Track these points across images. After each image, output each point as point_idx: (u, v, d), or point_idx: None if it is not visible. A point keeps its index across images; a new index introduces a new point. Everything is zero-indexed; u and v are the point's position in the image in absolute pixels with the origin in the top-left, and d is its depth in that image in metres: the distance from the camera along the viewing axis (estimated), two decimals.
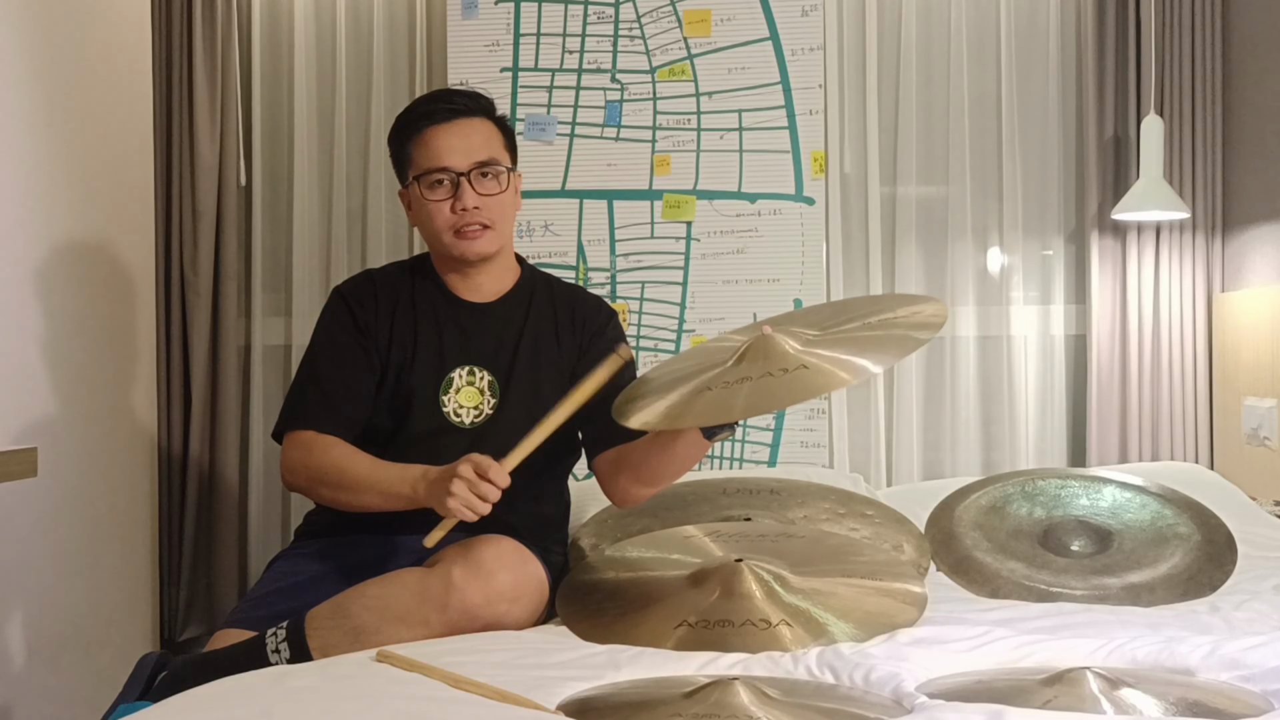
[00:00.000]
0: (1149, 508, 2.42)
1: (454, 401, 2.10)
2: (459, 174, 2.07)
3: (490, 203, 2.09)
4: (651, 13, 3.10)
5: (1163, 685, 1.51)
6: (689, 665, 1.67)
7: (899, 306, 1.90)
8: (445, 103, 2.13)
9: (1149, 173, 2.93)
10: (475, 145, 2.09)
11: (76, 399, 2.66)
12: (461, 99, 2.15)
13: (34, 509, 2.49)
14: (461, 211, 2.07)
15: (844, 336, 1.82)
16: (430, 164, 2.08)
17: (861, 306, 1.99)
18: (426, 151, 2.09)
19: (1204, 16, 3.07)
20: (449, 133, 2.09)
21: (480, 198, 2.08)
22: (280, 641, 1.79)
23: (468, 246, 2.09)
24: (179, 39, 3.10)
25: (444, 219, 2.08)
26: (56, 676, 2.57)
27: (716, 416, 1.77)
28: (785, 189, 3.08)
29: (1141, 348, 3.10)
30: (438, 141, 2.08)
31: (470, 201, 2.07)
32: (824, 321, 1.91)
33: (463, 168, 2.07)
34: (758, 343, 1.80)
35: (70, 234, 2.66)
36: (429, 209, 2.09)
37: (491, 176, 2.10)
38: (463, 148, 2.08)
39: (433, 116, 2.10)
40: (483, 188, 2.09)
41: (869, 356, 1.74)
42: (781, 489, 2.52)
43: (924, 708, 1.43)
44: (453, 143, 2.08)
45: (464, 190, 2.07)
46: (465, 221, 2.07)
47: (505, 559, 1.86)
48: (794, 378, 1.72)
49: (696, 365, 1.89)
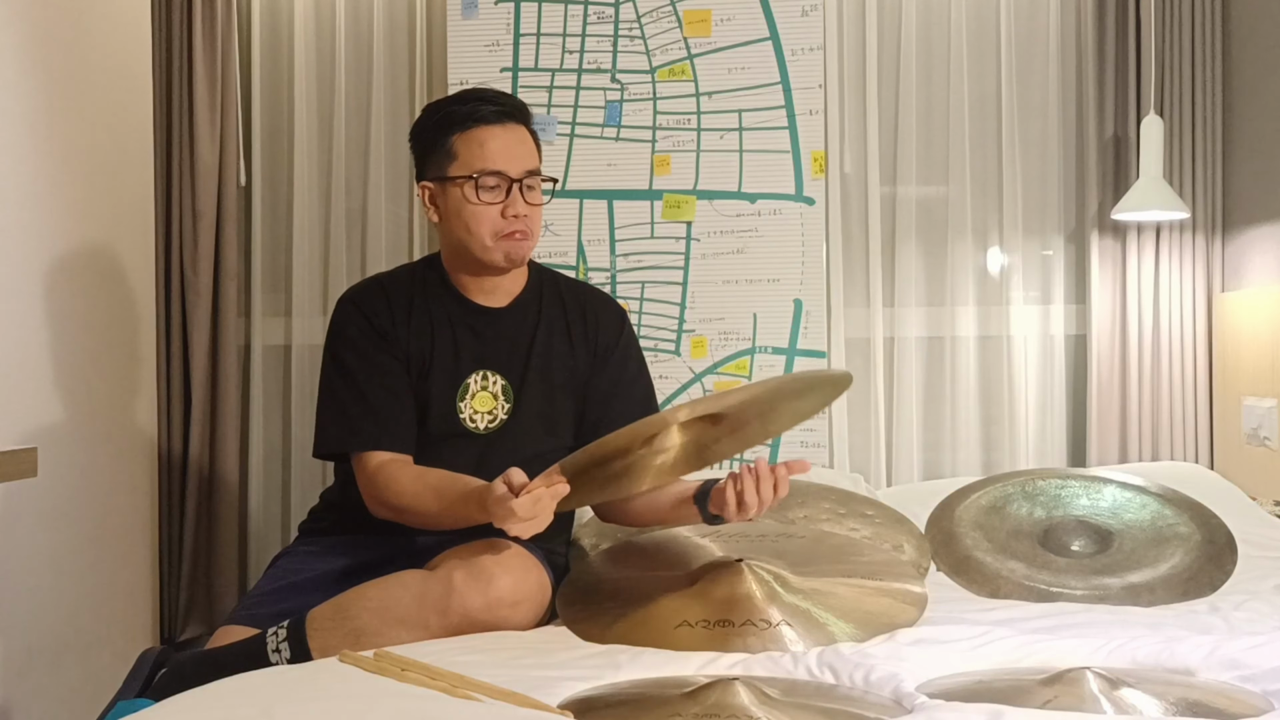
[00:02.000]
0: (1149, 508, 2.42)
1: (470, 408, 2.09)
2: (513, 180, 2.04)
3: (535, 213, 2.08)
4: (651, 13, 3.10)
5: (1163, 685, 1.51)
6: (689, 665, 1.67)
7: None
8: (494, 104, 2.09)
9: (1149, 173, 2.93)
10: (526, 153, 2.08)
11: (76, 399, 2.66)
12: (509, 102, 2.11)
13: (34, 509, 2.49)
14: (512, 218, 2.04)
15: None
16: (485, 165, 2.03)
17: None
18: (481, 152, 2.04)
19: (1204, 16, 3.07)
20: (503, 136, 2.06)
21: (528, 206, 2.06)
22: (281, 641, 1.79)
23: (513, 250, 2.05)
24: (179, 39, 3.10)
25: (491, 223, 2.04)
26: (56, 676, 2.57)
27: None
28: (785, 189, 3.08)
29: (1141, 348, 3.10)
30: (493, 143, 2.05)
31: (522, 209, 2.04)
32: None
33: (517, 174, 2.05)
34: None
35: (70, 234, 2.66)
36: (474, 211, 2.04)
37: (536, 187, 2.09)
38: (517, 154, 2.06)
39: (484, 116, 2.06)
40: (531, 197, 2.07)
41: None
42: None
43: (924, 708, 1.43)
44: (510, 148, 2.06)
45: (516, 198, 2.04)
46: (513, 229, 2.04)
47: (506, 563, 1.86)
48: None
49: None
